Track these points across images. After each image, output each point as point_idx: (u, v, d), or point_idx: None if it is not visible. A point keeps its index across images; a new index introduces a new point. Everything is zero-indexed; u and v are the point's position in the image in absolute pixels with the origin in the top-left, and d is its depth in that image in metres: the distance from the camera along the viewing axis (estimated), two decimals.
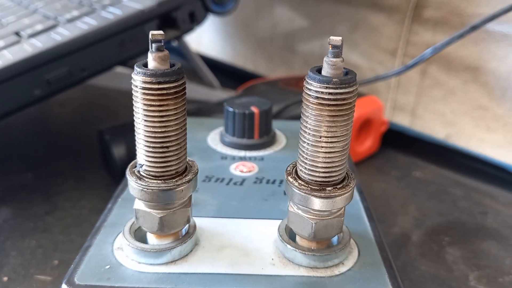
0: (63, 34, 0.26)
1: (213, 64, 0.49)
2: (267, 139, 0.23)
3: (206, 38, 0.65)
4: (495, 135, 0.38)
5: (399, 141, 0.37)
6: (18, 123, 0.38)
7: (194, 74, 0.45)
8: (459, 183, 0.32)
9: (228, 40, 0.64)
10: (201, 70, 0.44)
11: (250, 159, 0.22)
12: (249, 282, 0.14)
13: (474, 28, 0.30)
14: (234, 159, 0.22)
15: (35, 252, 0.24)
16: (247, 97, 0.24)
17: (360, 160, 0.35)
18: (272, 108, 0.24)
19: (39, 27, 0.28)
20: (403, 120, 0.45)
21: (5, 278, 0.22)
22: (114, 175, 0.29)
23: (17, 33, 0.29)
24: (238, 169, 0.21)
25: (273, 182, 0.20)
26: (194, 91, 0.42)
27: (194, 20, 0.30)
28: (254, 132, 0.23)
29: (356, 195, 0.19)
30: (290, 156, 0.23)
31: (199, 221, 0.16)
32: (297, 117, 0.33)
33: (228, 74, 0.52)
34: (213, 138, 0.24)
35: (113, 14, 0.27)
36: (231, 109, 0.23)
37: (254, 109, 0.23)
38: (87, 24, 0.27)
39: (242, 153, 0.23)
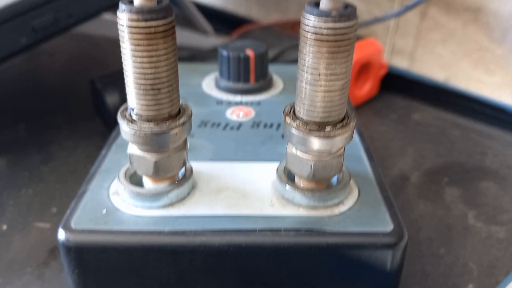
0: None
1: (204, 10, 0.47)
2: (264, 83, 0.23)
3: None
4: (495, 76, 0.37)
5: (397, 85, 0.36)
6: (8, 76, 0.37)
7: (186, 20, 0.44)
8: (458, 125, 0.32)
9: None
10: (194, 16, 0.43)
11: (246, 103, 0.21)
12: (247, 222, 0.14)
13: None
14: (230, 104, 0.21)
15: (33, 201, 0.24)
16: (242, 41, 0.23)
17: (359, 104, 0.34)
18: (268, 52, 0.23)
19: None
20: (401, 63, 0.44)
21: (4, 227, 0.22)
22: (108, 123, 0.29)
23: None
24: (234, 114, 0.20)
25: (271, 126, 0.19)
26: (187, 37, 0.41)
27: None
28: (250, 76, 0.22)
29: (356, 136, 0.19)
30: (287, 100, 0.22)
31: (195, 166, 0.16)
32: (294, 61, 0.32)
33: (220, 20, 0.50)
34: (208, 83, 0.23)
35: None
36: (225, 53, 0.22)
37: (250, 52, 0.22)
38: None
39: (238, 97, 0.22)
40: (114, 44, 0.43)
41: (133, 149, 0.14)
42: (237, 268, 0.14)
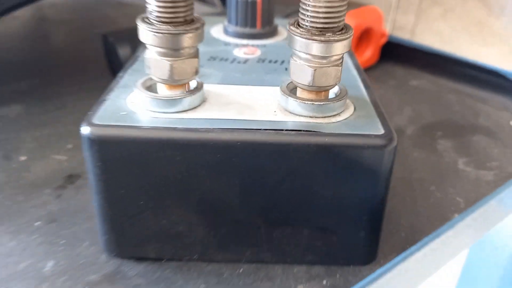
0: None
1: None
2: (269, 30, 0.24)
3: None
4: (492, 49, 0.39)
5: (397, 54, 0.38)
6: (16, 28, 0.39)
7: None
8: (453, 90, 0.33)
9: None
10: None
11: (252, 46, 0.23)
12: (253, 124, 0.15)
13: None
14: (237, 45, 0.23)
15: (50, 138, 0.25)
16: None
17: None
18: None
19: None
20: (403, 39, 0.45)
21: (24, 158, 0.23)
22: None
23: None
24: (241, 51, 0.22)
25: (275, 62, 0.21)
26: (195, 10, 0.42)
27: None
28: (256, 21, 0.23)
29: (354, 70, 0.20)
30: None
31: (205, 87, 0.17)
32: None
33: None
34: (216, 30, 0.25)
35: None
36: None
37: None
38: None
39: (244, 41, 0.23)
40: (124, 4, 0.44)
41: (152, 53, 0.15)
42: (242, 164, 0.15)
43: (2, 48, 0.34)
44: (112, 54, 0.30)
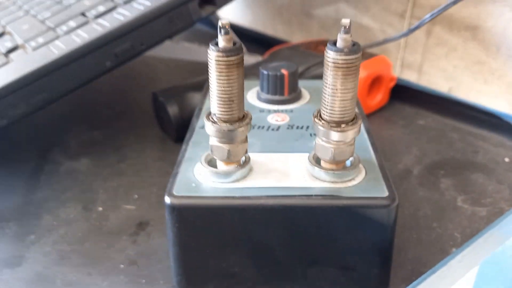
0: (124, 14, 0.32)
1: (235, 29, 0.54)
2: (295, 95, 0.29)
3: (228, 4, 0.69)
4: (491, 86, 0.43)
5: (405, 95, 0.43)
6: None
7: None
8: (456, 129, 0.38)
9: (248, 5, 0.69)
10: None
11: (282, 111, 0.28)
12: (289, 191, 0.20)
13: None
14: (269, 111, 0.28)
15: (118, 190, 0.31)
16: (277, 61, 0.30)
17: (371, 112, 0.41)
18: (298, 68, 0.30)
19: (101, 8, 0.34)
20: (411, 76, 0.50)
21: (100, 208, 0.29)
22: (169, 131, 0.36)
23: (83, 14, 0.35)
24: (274, 119, 0.27)
25: (302, 127, 0.26)
26: None
27: None
28: (284, 90, 0.29)
29: (365, 134, 0.25)
30: (313, 108, 0.29)
31: (251, 155, 0.23)
32: (317, 76, 0.39)
33: (249, 39, 0.57)
34: (251, 96, 0.30)
35: None
36: (265, 72, 0.29)
37: (284, 72, 0.29)
38: (142, 5, 0.32)
39: (275, 107, 0.29)
40: (160, 61, 0.50)
41: (213, 141, 0.20)
42: (283, 222, 0.20)
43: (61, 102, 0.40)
44: (161, 110, 0.36)
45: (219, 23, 0.19)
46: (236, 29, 0.60)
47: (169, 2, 0.32)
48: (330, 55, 0.18)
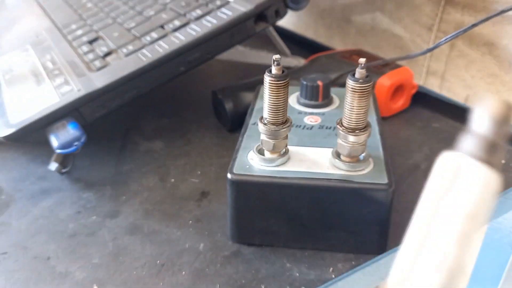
0: (196, 30, 0.41)
1: (280, 32, 0.62)
2: (327, 101, 0.37)
3: None
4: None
5: (425, 101, 0.49)
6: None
7: (269, 42, 0.59)
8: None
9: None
10: (276, 40, 0.58)
11: (315, 114, 0.36)
12: (316, 175, 0.29)
13: (491, 17, 0.41)
14: (306, 113, 0.36)
15: (185, 167, 0.40)
16: (315, 74, 0.38)
17: (393, 114, 0.48)
18: (331, 79, 0.37)
19: (177, 23, 0.43)
20: (434, 82, 0.57)
21: (173, 180, 0.38)
22: (225, 122, 0.44)
23: (162, 27, 0.44)
24: (309, 120, 0.35)
25: (330, 128, 0.34)
26: (270, 58, 0.56)
27: (278, 16, 0.43)
28: (319, 97, 0.37)
29: (378, 136, 0.33)
30: (341, 112, 0.36)
31: (289, 148, 0.31)
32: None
33: (293, 41, 0.65)
34: (292, 100, 0.38)
35: (226, 14, 0.41)
36: (305, 82, 0.37)
37: (319, 83, 0.37)
38: (210, 23, 0.41)
39: (310, 110, 0.37)
40: (219, 62, 0.58)
41: (263, 137, 0.29)
42: (310, 196, 0.29)
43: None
44: (219, 105, 0.45)
45: (273, 57, 0.27)
46: (281, 31, 0.67)
47: (230, 21, 0.41)
48: (350, 83, 0.26)
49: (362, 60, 0.26)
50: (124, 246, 0.31)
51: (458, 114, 0.47)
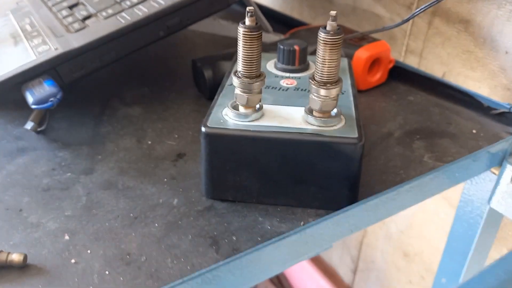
0: None
1: (263, 10, 0.62)
2: (303, 67, 0.38)
3: None
4: (476, 72, 0.51)
5: (401, 75, 0.50)
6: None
7: None
8: (437, 104, 0.46)
9: None
10: (258, 16, 0.58)
11: (292, 78, 0.37)
12: (288, 129, 0.29)
13: None
14: (282, 77, 0.37)
15: (163, 130, 0.40)
16: (292, 40, 0.38)
17: (371, 87, 0.49)
18: (308, 47, 0.38)
19: None
20: (413, 60, 0.58)
21: (149, 142, 0.38)
22: (204, 91, 0.45)
23: None
24: (284, 83, 0.36)
25: (305, 90, 0.35)
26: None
27: None
28: (295, 61, 0.37)
29: (351, 97, 0.34)
30: None
31: (264, 106, 0.31)
32: None
33: (276, 20, 0.66)
34: (270, 65, 0.39)
35: None
36: (281, 47, 0.37)
37: (296, 47, 0.37)
38: None
39: (287, 74, 0.37)
40: (200, 35, 0.59)
41: (237, 91, 0.29)
42: (281, 150, 0.29)
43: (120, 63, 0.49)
44: (198, 74, 0.45)
45: (247, 9, 0.27)
46: (266, 11, 0.68)
47: None
48: (321, 35, 0.27)
49: (333, 13, 0.27)
50: (97, 200, 0.32)
51: (433, 88, 0.48)
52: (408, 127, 0.42)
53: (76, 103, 0.44)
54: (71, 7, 0.45)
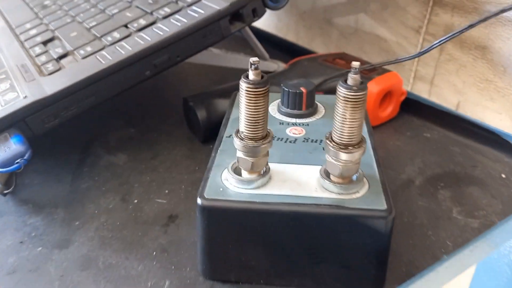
0: (163, 29, 0.36)
1: (258, 34, 0.57)
2: (311, 110, 0.33)
3: None
4: (496, 103, 0.46)
5: (414, 108, 0.46)
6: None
7: (246, 45, 0.54)
8: (458, 143, 0.41)
9: (273, 11, 0.72)
10: (254, 43, 0.53)
11: (299, 124, 0.32)
12: (302, 199, 0.24)
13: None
14: (288, 124, 0.32)
15: (151, 184, 0.35)
16: (297, 80, 0.34)
17: (382, 123, 0.44)
18: (315, 85, 0.33)
19: (142, 22, 0.38)
20: (423, 88, 0.53)
21: (136, 200, 0.33)
22: (197, 133, 0.40)
23: (126, 26, 0.39)
24: (291, 132, 0.31)
25: (316, 141, 0.30)
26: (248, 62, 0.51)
27: (256, 15, 0.39)
28: (302, 105, 0.32)
29: (371, 151, 0.29)
30: (327, 122, 0.32)
31: (270, 165, 0.26)
32: (333, 88, 0.42)
33: (272, 44, 0.61)
34: (272, 108, 0.34)
35: (198, 13, 0.37)
36: (286, 89, 0.32)
37: (303, 89, 0.32)
38: (180, 22, 0.36)
39: (293, 120, 0.32)
40: (192, 66, 0.53)
41: (240, 154, 0.24)
42: (295, 225, 0.24)
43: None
44: (190, 113, 0.40)
45: (250, 60, 0.22)
46: (259, 34, 0.63)
47: (203, 19, 0.36)
48: (342, 91, 0.22)
49: (355, 64, 0.22)
50: (73, 285, 0.26)
51: (450, 122, 0.44)
52: (429, 172, 0.37)
53: (52, 150, 0.39)
54: (45, 42, 0.40)
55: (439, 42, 0.37)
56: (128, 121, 0.43)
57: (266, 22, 0.73)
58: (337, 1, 0.63)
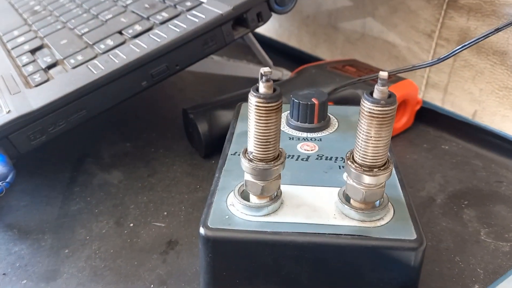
0: (161, 36, 0.33)
1: (258, 39, 0.54)
2: (324, 124, 0.30)
3: None
4: None
5: (430, 118, 0.43)
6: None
7: (249, 52, 0.51)
8: (480, 156, 0.38)
9: (275, 15, 0.69)
10: (257, 50, 0.51)
11: (311, 139, 0.29)
12: (318, 228, 0.21)
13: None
14: (299, 139, 0.29)
15: (148, 205, 0.32)
16: (308, 90, 0.31)
17: (396, 134, 0.41)
18: (328, 96, 0.30)
19: (138, 28, 0.35)
20: (436, 96, 0.50)
21: (131, 224, 0.30)
22: (198, 147, 0.37)
23: (120, 32, 0.36)
24: (303, 148, 0.28)
25: (331, 159, 0.27)
26: (251, 70, 0.48)
27: (261, 20, 0.36)
28: (314, 118, 0.29)
29: (393, 169, 0.26)
30: (341, 137, 0.29)
31: (281, 187, 0.24)
32: (344, 97, 0.39)
33: (275, 50, 0.58)
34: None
35: (198, 18, 0.34)
36: (296, 100, 0.29)
37: (315, 101, 0.29)
38: (178, 28, 0.33)
39: (304, 134, 0.29)
40: (191, 74, 0.50)
41: (248, 177, 0.21)
42: (311, 257, 0.21)
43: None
44: (191, 126, 0.37)
45: (261, 71, 0.19)
46: (262, 40, 0.60)
47: (203, 25, 0.33)
48: (367, 105, 0.19)
49: (383, 74, 0.19)
50: None
51: (469, 133, 0.41)
52: (451, 188, 0.34)
53: (41, 167, 0.36)
54: (33, 51, 0.37)
55: (462, 47, 0.35)
56: (123, 135, 0.40)
57: (266, 26, 0.71)
58: (342, 5, 0.60)
